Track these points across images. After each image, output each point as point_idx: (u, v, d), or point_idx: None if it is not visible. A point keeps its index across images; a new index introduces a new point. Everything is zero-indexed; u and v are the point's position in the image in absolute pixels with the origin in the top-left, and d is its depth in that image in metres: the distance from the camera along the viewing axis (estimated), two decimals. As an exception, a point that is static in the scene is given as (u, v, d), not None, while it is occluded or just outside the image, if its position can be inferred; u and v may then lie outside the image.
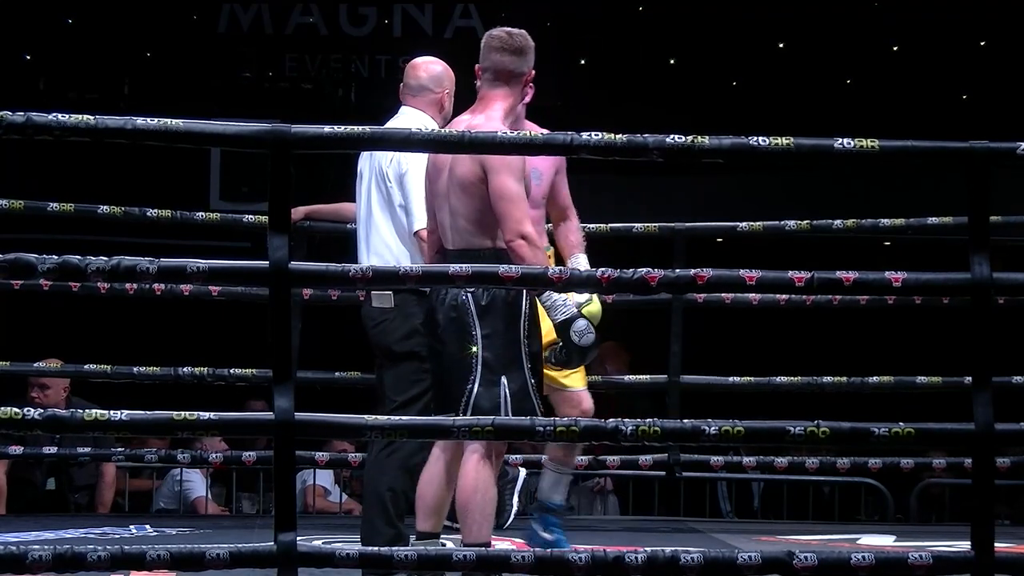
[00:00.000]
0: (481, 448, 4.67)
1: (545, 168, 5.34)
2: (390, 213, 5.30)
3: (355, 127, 4.40)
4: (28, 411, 4.24)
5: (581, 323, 4.68)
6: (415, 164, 5.20)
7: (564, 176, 5.49)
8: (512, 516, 5.71)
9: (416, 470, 5.17)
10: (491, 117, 4.79)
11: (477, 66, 4.87)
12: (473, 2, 12.35)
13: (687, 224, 7.14)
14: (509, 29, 4.92)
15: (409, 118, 5.39)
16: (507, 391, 4.70)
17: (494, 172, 4.67)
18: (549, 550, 4.44)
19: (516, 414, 4.63)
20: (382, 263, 5.20)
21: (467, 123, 4.78)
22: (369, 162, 5.40)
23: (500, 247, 4.71)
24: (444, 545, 4.71)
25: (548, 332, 4.82)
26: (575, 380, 5.54)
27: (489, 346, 4.71)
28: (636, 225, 7.09)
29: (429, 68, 5.46)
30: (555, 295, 4.66)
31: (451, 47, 5.06)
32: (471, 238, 4.76)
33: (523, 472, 5.96)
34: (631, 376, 7.23)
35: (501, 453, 4.76)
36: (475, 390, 4.72)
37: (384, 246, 5.31)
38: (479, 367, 4.72)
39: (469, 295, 4.71)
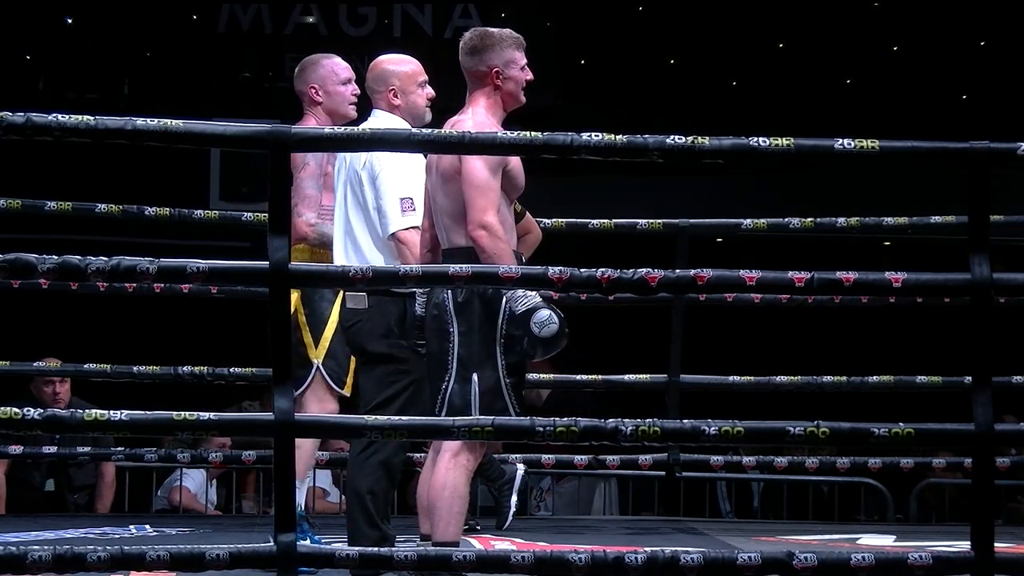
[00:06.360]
0: (455, 447, 4.67)
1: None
2: (363, 215, 5.28)
3: (355, 127, 4.41)
4: (28, 411, 4.24)
5: (543, 313, 4.63)
6: (389, 166, 5.18)
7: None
8: (511, 516, 5.71)
9: (396, 470, 5.17)
10: (475, 114, 4.83)
11: None
12: (473, 2, 12.36)
13: (691, 221, 7.13)
14: (473, 30, 4.97)
15: (376, 120, 5.38)
16: (477, 388, 4.70)
17: (468, 159, 4.68)
18: (549, 550, 4.43)
19: (485, 412, 4.62)
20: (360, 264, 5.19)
21: (450, 122, 4.83)
22: (343, 164, 5.40)
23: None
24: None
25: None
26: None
27: (464, 343, 4.72)
28: (640, 222, 7.08)
29: (373, 69, 5.44)
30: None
31: (451, 47, 5.04)
32: (453, 236, 4.77)
33: (521, 468, 5.95)
34: (631, 376, 7.23)
35: (476, 455, 4.74)
36: (450, 387, 4.73)
37: (357, 248, 5.30)
38: (454, 364, 4.73)
39: (448, 293, 4.72)
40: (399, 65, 5.42)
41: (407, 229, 5.13)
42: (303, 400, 5.69)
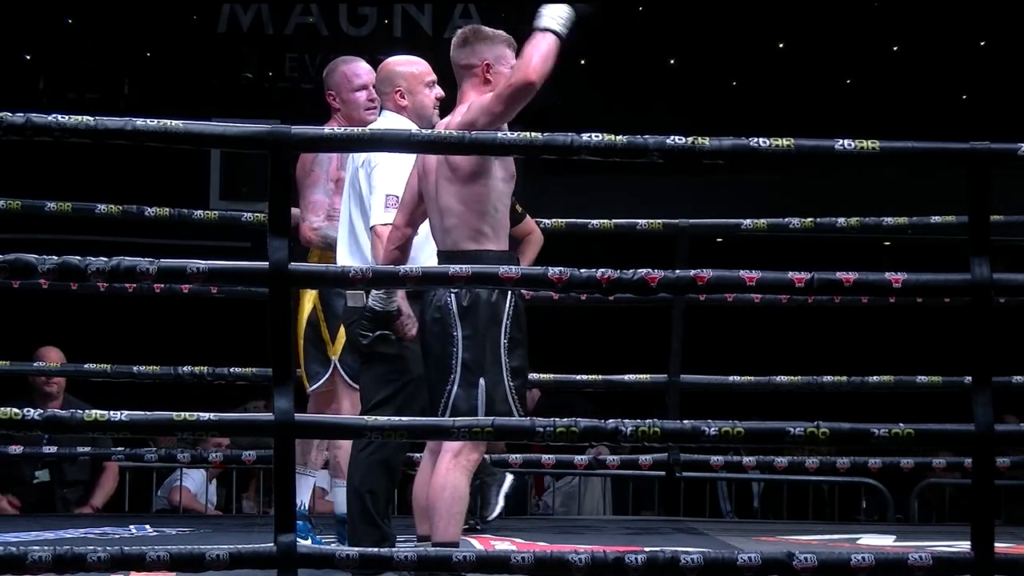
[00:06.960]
0: (455, 448, 4.66)
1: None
2: (362, 212, 5.30)
3: (355, 128, 4.41)
4: (28, 411, 4.25)
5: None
6: (384, 162, 5.19)
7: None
8: (498, 509, 5.74)
9: (395, 470, 5.17)
10: (461, 112, 4.82)
11: None
12: (473, 2, 12.35)
13: (691, 221, 7.13)
14: (465, 26, 4.98)
15: (384, 121, 5.39)
16: (484, 393, 4.70)
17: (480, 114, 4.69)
18: (549, 551, 4.43)
19: (490, 415, 4.62)
20: (361, 262, 5.20)
21: (445, 122, 4.83)
22: (350, 164, 5.41)
23: (487, 248, 4.72)
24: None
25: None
26: None
27: (469, 347, 4.70)
28: (640, 222, 7.08)
29: (381, 71, 5.46)
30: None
31: (451, 47, 5.05)
32: (456, 238, 4.75)
33: (509, 477, 6.00)
34: (631, 376, 7.23)
35: (477, 455, 4.74)
36: (454, 391, 4.72)
37: (358, 245, 5.31)
38: (458, 368, 4.72)
39: (452, 296, 4.71)
40: (406, 66, 5.43)
41: (385, 224, 5.14)
42: (328, 398, 5.70)
